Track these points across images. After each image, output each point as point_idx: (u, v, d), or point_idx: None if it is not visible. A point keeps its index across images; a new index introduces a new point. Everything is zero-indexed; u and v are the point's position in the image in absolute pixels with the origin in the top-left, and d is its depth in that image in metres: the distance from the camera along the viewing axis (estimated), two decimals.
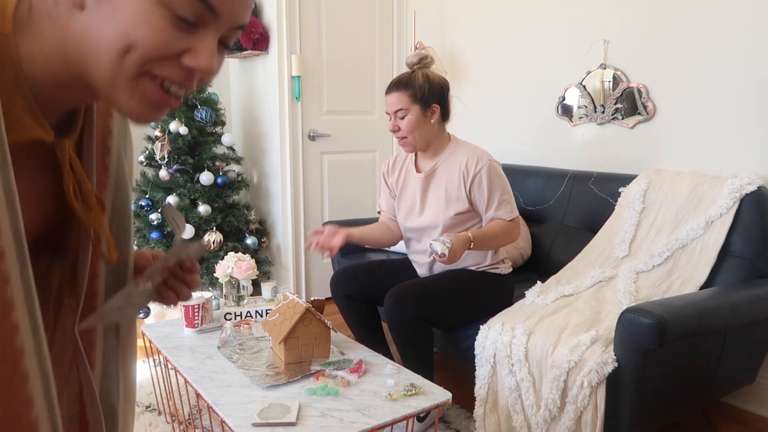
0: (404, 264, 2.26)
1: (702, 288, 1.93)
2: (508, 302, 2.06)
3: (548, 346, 1.69)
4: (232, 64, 3.61)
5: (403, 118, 1.96)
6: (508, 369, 1.77)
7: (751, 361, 1.97)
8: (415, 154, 2.14)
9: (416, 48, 3.29)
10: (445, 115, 2.04)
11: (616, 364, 1.56)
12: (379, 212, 2.32)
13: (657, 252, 2.08)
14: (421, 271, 2.17)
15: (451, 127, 2.13)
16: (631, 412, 1.60)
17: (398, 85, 1.98)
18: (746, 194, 1.98)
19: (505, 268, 2.10)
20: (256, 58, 3.33)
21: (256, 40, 3.15)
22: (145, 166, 3.07)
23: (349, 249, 2.75)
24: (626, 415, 1.61)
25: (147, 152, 3.04)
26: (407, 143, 2.01)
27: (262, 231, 3.34)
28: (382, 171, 2.26)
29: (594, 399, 1.58)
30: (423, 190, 2.07)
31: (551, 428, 1.68)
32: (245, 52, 3.23)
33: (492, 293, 2.05)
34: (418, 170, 2.11)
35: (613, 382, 1.59)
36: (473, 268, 2.06)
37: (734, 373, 1.92)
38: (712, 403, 2.04)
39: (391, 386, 1.54)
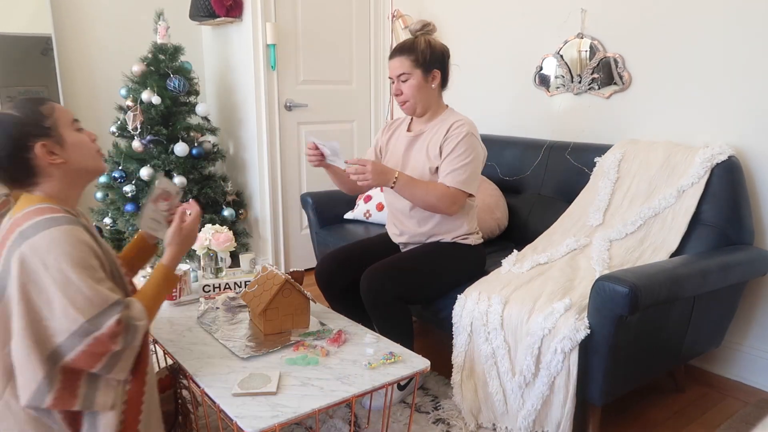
0: (385, 241, 2.25)
1: (673, 255, 1.98)
2: (479, 272, 2.07)
3: (523, 314, 1.73)
4: (205, 32, 3.52)
5: (405, 82, 1.98)
6: (484, 337, 1.80)
7: (718, 325, 2.04)
8: (411, 118, 2.14)
9: (393, 16, 3.25)
10: (444, 82, 2.06)
11: (588, 331, 1.60)
12: None
13: (630, 220, 2.12)
14: (396, 239, 2.18)
15: None
16: (603, 376, 1.65)
17: (401, 50, 1.99)
18: (717, 164, 2.01)
19: (475, 239, 2.10)
20: (230, 25, 3.25)
21: (230, 6, 3.07)
22: (118, 137, 2.99)
23: (327, 220, 2.75)
24: (598, 380, 1.66)
25: (119, 122, 2.96)
26: (408, 106, 2.03)
27: (240, 203, 3.32)
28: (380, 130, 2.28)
29: (567, 364, 1.62)
30: (407, 148, 2.08)
31: (525, 394, 1.72)
32: (218, 19, 3.15)
33: (463, 264, 2.06)
34: (408, 130, 2.12)
35: (585, 348, 1.63)
36: (446, 238, 2.05)
37: (702, 337, 1.98)
38: (680, 367, 2.11)
39: (370, 355, 1.56)
